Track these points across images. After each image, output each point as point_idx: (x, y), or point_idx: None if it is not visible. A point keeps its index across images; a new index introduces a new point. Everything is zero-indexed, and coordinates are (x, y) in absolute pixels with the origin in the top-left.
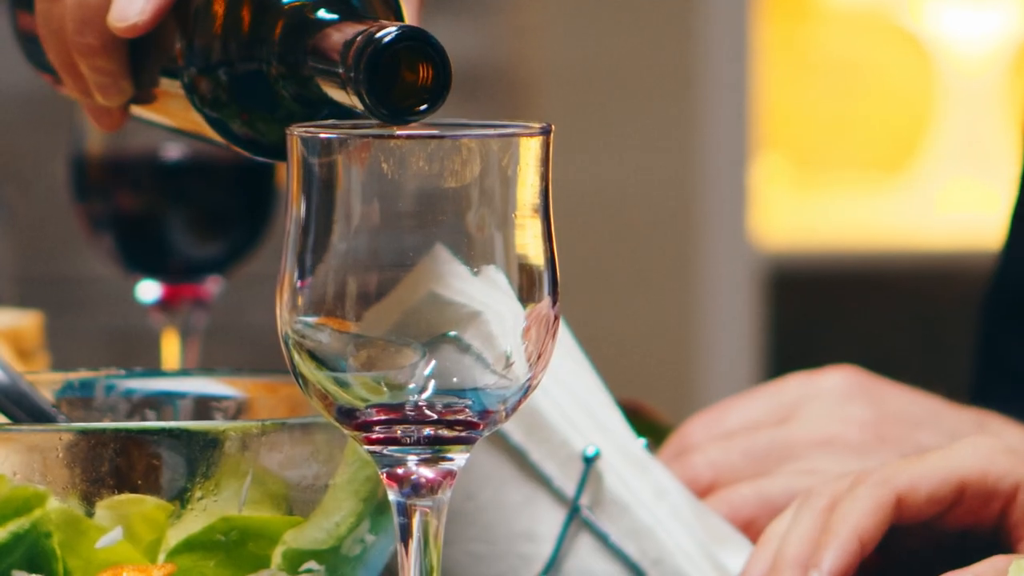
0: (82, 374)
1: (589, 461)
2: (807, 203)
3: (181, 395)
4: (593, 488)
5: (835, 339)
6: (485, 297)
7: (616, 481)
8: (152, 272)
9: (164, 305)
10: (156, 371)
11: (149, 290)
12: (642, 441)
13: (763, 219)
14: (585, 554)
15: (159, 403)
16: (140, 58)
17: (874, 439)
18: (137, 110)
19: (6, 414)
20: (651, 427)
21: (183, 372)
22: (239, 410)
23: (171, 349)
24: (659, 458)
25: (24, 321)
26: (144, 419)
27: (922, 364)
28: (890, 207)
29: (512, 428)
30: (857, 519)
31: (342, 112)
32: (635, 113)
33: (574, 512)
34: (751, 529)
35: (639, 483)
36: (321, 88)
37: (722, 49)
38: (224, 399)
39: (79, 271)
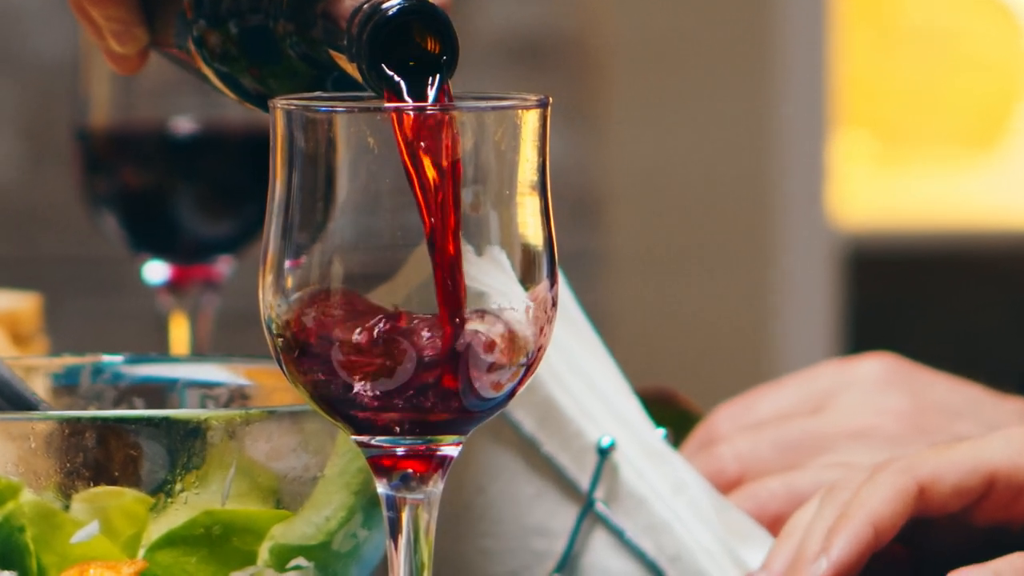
0: (67, 360)
1: (604, 452)
2: (889, 180)
3: (171, 382)
4: (608, 481)
5: (917, 323)
6: (490, 278)
7: (632, 474)
8: (160, 252)
9: (173, 287)
10: (147, 357)
11: (157, 271)
12: (661, 431)
13: (842, 197)
14: (600, 550)
15: (148, 391)
16: (154, 6)
17: (911, 430)
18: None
19: None
20: (682, 415)
21: (175, 358)
22: (231, 398)
23: (180, 334)
24: (685, 449)
25: (22, 303)
26: (131, 407)
27: (1010, 349)
28: (977, 184)
29: (524, 418)
30: (873, 506)
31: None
32: (708, 85)
33: (588, 506)
34: (779, 525)
35: (657, 476)
36: (329, 54)
37: (800, 17)
38: (216, 386)
39: (84, 250)
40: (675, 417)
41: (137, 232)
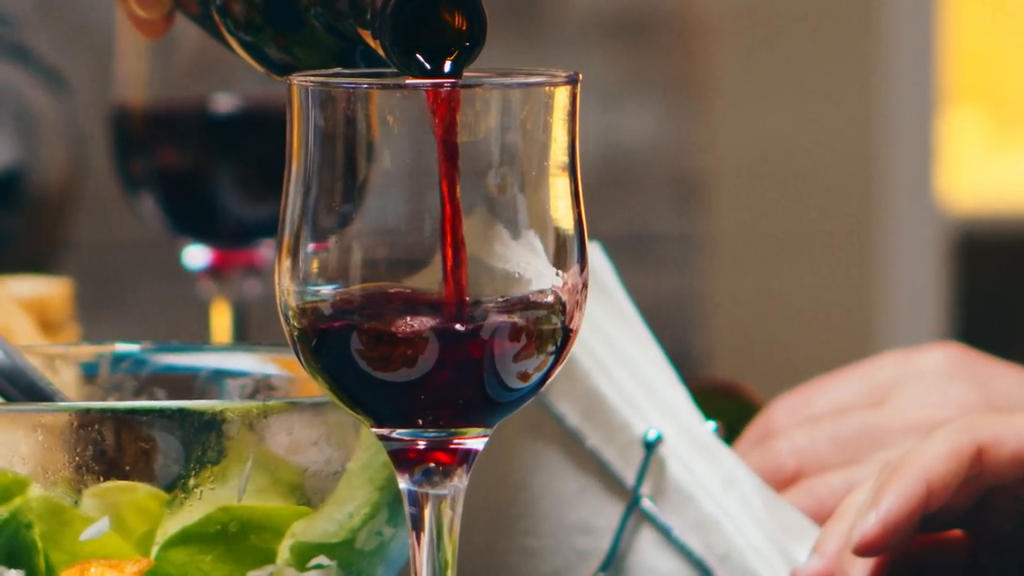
0: (96, 348)
1: (650, 446)
2: (1001, 161)
3: (195, 371)
4: (655, 476)
5: None
6: (523, 262)
7: (680, 469)
8: (200, 236)
9: (214, 272)
10: (171, 345)
11: (197, 256)
12: (711, 424)
13: (952, 179)
14: (646, 549)
15: (170, 381)
16: None
17: None
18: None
19: (0, 393)
20: (744, 408)
21: (201, 347)
22: (257, 388)
23: (221, 321)
24: (742, 443)
25: (51, 289)
26: (153, 397)
27: None
28: None
29: (567, 410)
30: (928, 462)
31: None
32: (813, 62)
33: (634, 503)
34: None
35: (706, 471)
36: (354, 27)
37: None
38: (242, 376)
39: (119, 235)
40: (737, 409)
41: (176, 215)
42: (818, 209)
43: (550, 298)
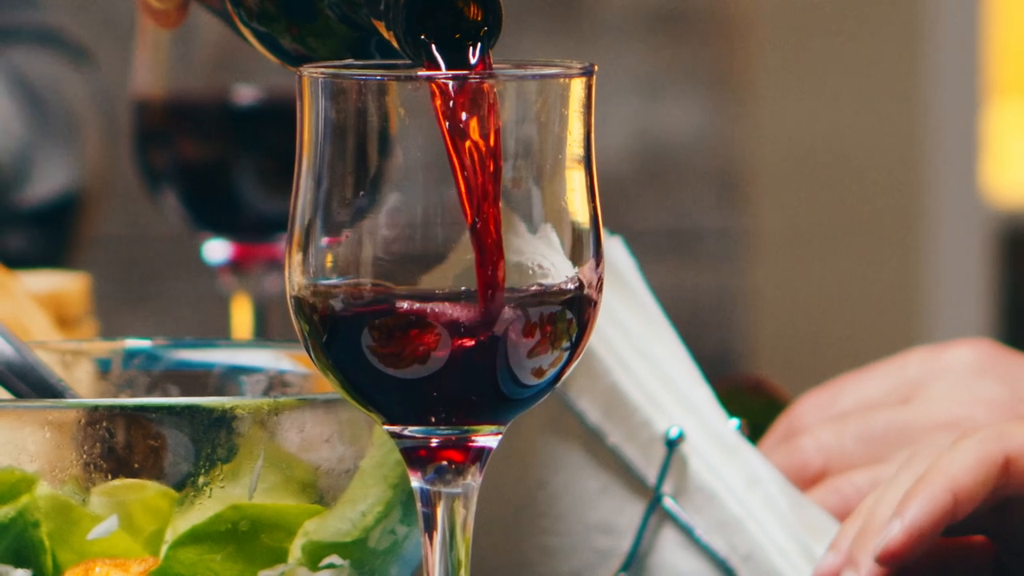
0: (111, 344)
1: (672, 444)
2: None
3: (209, 367)
4: (677, 475)
5: None
6: (539, 257)
7: (702, 467)
8: (221, 230)
9: (235, 267)
10: (184, 341)
11: (218, 250)
12: (734, 422)
13: (997, 173)
14: (668, 548)
15: (183, 377)
16: None
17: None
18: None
19: (10, 389)
20: (772, 404)
21: (214, 343)
22: (271, 385)
23: (242, 316)
24: (767, 440)
25: (68, 284)
26: (166, 394)
27: None
28: None
29: (588, 407)
30: (955, 472)
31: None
32: (856, 54)
33: (656, 502)
34: None
35: (728, 469)
36: (369, 18)
37: None
38: (256, 372)
39: (142, 229)
40: (763, 406)
41: (196, 209)
42: (861, 204)
43: (565, 293)
